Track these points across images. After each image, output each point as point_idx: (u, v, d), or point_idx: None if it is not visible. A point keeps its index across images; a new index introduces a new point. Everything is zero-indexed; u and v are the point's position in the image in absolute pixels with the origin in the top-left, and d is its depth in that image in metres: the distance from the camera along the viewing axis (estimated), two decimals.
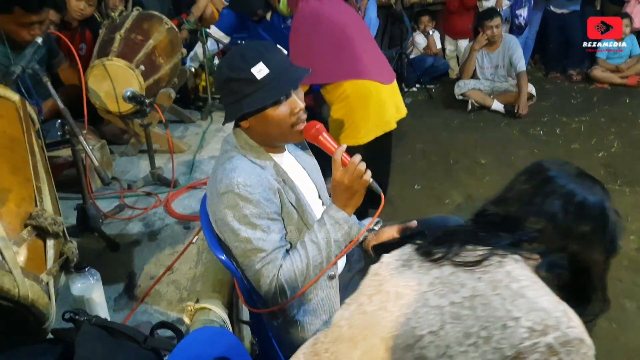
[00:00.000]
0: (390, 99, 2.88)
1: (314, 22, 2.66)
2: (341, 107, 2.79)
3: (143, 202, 2.53)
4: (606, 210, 1.01)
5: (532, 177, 1.08)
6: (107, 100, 2.52)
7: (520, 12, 5.72)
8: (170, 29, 2.86)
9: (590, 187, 1.03)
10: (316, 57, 2.66)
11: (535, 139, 4.45)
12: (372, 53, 2.88)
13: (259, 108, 1.44)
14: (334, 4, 2.78)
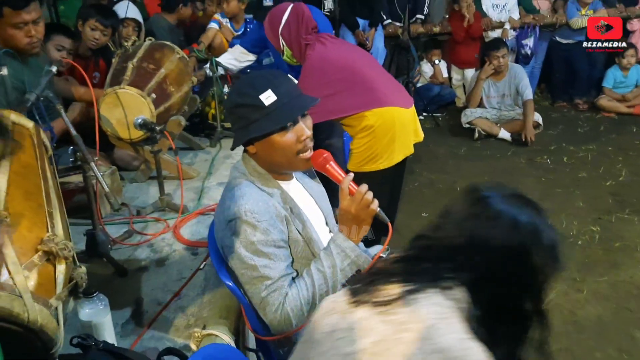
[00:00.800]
0: (410, 123, 2.91)
1: (322, 65, 2.71)
2: (365, 136, 2.80)
3: (152, 228, 2.55)
4: (538, 228, 0.99)
5: (466, 200, 1.06)
6: (118, 127, 2.56)
7: (526, 42, 5.79)
8: (182, 58, 2.92)
9: (521, 207, 1.01)
10: (331, 97, 2.69)
11: (542, 168, 4.46)
12: (387, 81, 2.92)
13: (265, 133, 1.47)
14: (338, 44, 2.84)
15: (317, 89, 2.68)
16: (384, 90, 2.80)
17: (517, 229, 0.97)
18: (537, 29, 5.80)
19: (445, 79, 6.08)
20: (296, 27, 2.74)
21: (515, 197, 1.04)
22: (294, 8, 2.78)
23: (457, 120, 5.37)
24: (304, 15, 2.77)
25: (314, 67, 2.73)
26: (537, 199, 3.53)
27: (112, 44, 3.48)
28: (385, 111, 2.78)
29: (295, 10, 2.77)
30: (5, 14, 2.32)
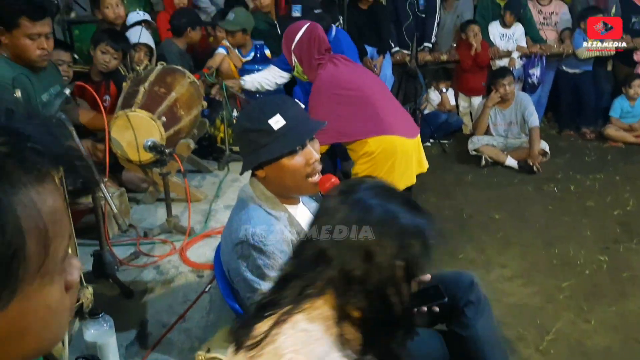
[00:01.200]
0: (414, 153, 2.96)
1: (333, 86, 2.78)
2: (365, 162, 2.85)
3: (158, 250, 2.56)
4: (398, 219, 0.99)
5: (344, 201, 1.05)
6: (128, 149, 2.59)
7: (533, 71, 5.83)
8: (192, 83, 2.97)
9: (388, 201, 1.02)
10: (338, 118, 2.74)
11: (549, 196, 4.45)
12: (394, 109, 2.99)
13: (274, 157, 1.49)
14: (351, 67, 2.91)
15: (325, 107, 2.75)
16: (389, 118, 2.85)
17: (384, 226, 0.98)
18: (544, 58, 5.85)
19: (452, 106, 6.11)
20: (308, 46, 2.82)
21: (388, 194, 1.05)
22: (308, 28, 2.87)
23: (464, 147, 5.38)
24: (317, 36, 2.85)
25: (323, 87, 2.79)
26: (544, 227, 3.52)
27: (123, 68, 3.54)
28: (387, 139, 2.83)
29: (310, 30, 2.86)
30: (21, 24, 2.37)
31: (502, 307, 2.95)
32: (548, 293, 3.11)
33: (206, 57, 4.25)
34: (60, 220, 0.55)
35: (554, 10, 5.95)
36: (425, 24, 5.83)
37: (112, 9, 3.82)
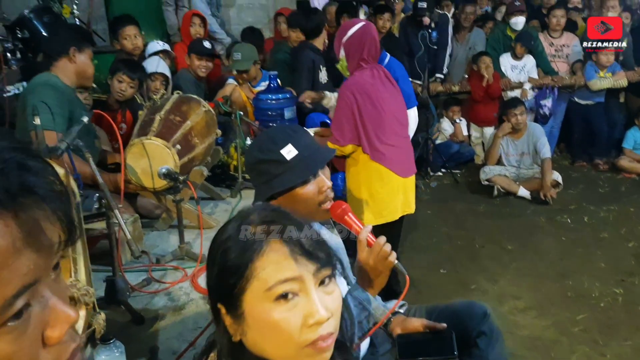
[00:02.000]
0: (401, 192, 2.99)
1: (357, 91, 2.85)
2: (353, 183, 2.98)
3: (170, 277, 2.56)
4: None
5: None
6: (142, 176, 2.63)
7: (545, 102, 5.85)
8: (207, 112, 3.02)
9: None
10: (351, 121, 2.86)
11: (562, 227, 4.41)
12: (401, 143, 3.02)
13: (288, 188, 1.50)
14: (386, 86, 2.96)
15: (346, 106, 2.86)
16: (391, 150, 2.92)
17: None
18: (556, 89, 5.87)
19: (465, 137, 6.14)
20: (358, 43, 2.87)
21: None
22: (364, 26, 2.93)
23: (476, 177, 5.38)
24: (371, 37, 2.90)
25: (350, 88, 2.86)
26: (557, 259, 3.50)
27: (140, 96, 3.61)
28: (377, 167, 2.91)
29: (364, 28, 2.90)
30: (89, 46, 2.85)
31: (515, 339, 2.91)
32: (562, 326, 3.07)
33: (220, 86, 4.32)
34: (2, 265, 0.51)
35: (565, 42, 6.00)
36: (437, 55, 5.90)
37: (130, 40, 3.92)
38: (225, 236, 0.95)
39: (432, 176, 5.64)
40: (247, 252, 0.91)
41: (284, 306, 0.89)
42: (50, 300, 0.56)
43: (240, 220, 0.97)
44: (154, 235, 2.99)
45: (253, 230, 0.93)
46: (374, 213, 2.93)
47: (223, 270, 0.93)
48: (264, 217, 0.96)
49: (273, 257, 0.90)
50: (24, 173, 0.54)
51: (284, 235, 0.93)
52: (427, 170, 5.59)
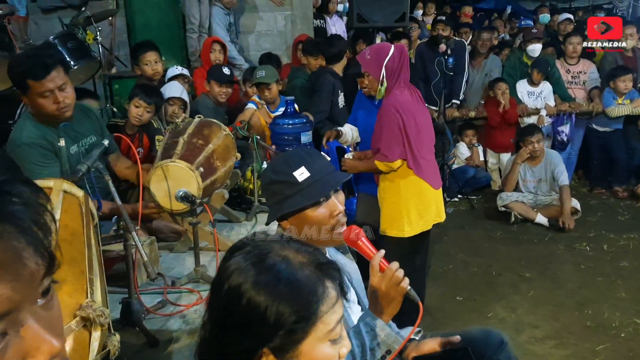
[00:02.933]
0: (434, 202, 3.18)
1: (404, 109, 3.00)
2: (391, 197, 3.11)
3: (185, 299, 2.57)
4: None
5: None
6: (164, 199, 2.65)
7: (562, 128, 5.83)
8: (227, 135, 3.05)
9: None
10: (399, 137, 2.99)
11: (581, 255, 4.35)
12: (432, 158, 3.23)
13: (298, 209, 1.51)
14: (420, 105, 3.14)
15: (388, 125, 3.00)
16: (426, 163, 3.10)
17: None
18: (573, 116, 5.85)
19: (481, 162, 6.12)
20: (399, 63, 3.03)
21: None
22: (398, 45, 3.13)
23: (493, 203, 5.34)
24: (406, 57, 3.10)
25: (396, 107, 3.00)
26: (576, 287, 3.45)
27: (157, 121, 3.67)
28: (416, 180, 3.07)
29: (401, 50, 3.08)
30: (30, 85, 2.44)
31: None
32: (582, 356, 3.00)
33: (237, 111, 4.38)
34: None
35: (582, 69, 5.99)
36: (454, 81, 5.92)
37: (150, 66, 4.00)
38: (273, 281, 0.90)
39: (449, 202, 5.61)
40: (315, 296, 0.89)
41: (335, 344, 0.92)
42: (32, 329, 0.55)
43: (266, 262, 0.92)
44: (170, 257, 3.01)
45: (311, 270, 0.91)
46: (414, 223, 3.08)
47: (280, 318, 0.88)
48: (315, 259, 0.93)
49: (331, 299, 0.91)
50: (7, 202, 0.54)
51: (335, 274, 0.93)
52: (443, 195, 5.56)
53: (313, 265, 0.92)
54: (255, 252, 0.95)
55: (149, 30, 5.03)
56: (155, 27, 5.10)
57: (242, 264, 0.94)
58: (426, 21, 8.27)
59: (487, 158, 6.19)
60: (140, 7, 5.21)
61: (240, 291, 0.91)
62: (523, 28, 7.20)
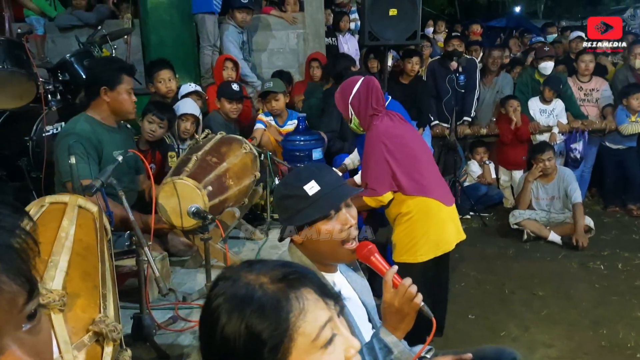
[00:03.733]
0: (450, 220, 3.03)
1: (387, 136, 2.91)
2: (403, 223, 2.95)
3: (196, 315, 2.57)
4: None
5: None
6: (172, 215, 2.67)
7: (575, 146, 5.80)
8: (248, 153, 3.07)
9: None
10: (386, 169, 2.89)
11: (595, 273, 4.30)
12: (436, 174, 3.10)
13: (309, 221, 1.52)
14: (404, 124, 3.05)
15: (377, 157, 2.90)
16: (430, 182, 2.97)
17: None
18: (586, 133, 5.82)
19: (493, 179, 6.09)
20: (366, 96, 2.95)
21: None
22: (365, 80, 3.02)
23: (505, 220, 5.31)
24: (374, 87, 2.98)
25: (377, 136, 2.91)
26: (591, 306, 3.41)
27: (169, 137, 3.71)
28: (425, 201, 2.93)
29: (367, 82, 2.99)
30: (123, 80, 2.82)
31: None
32: None
33: (250, 128, 4.42)
34: None
35: (594, 87, 5.97)
36: (465, 98, 5.93)
37: (164, 83, 4.06)
38: (236, 312, 0.89)
39: (460, 219, 5.57)
40: (282, 311, 0.88)
41: (329, 349, 0.89)
42: (15, 355, 0.55)
43: (236, 291, 0.92)
44: (182, 273, 3.02)
45: (272, 288, 0.90)
46: (431, 247, 2.94)
47: (256, 342, 0.87)
48: (276, 275, 0.92)
49: (308, 306, 0.89)
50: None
51: (306, 282, 0.92)
52: None
53: (275, 281, 0.91)
54: (227, 282, 0.95)
55: (163, 48, 5.11)
56: (169, 45, 5.17)
57: (218, 292, 0.93)
58: (437, 39, 8.32)
59: (499, 175, 6.16)
60: (155, 26, 5.30)
61: (216, 316, 0.91)
62: (534, 45, 7.21)
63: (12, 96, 3.77)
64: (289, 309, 0.87)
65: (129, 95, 2.86)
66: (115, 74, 2.84)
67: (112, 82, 2.83)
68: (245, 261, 1.00)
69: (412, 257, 2.92)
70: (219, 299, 0.92)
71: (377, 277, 1.62)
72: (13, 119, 3.87)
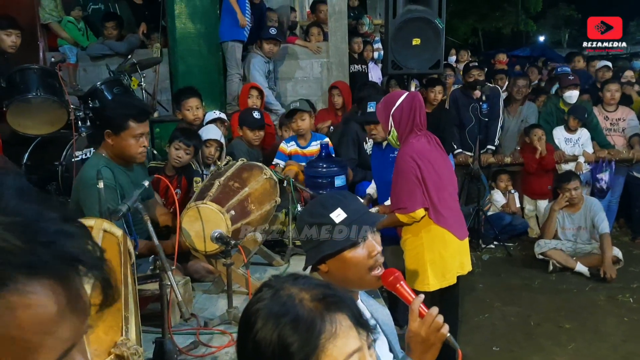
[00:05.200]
0: (457, 254, 3.02)
1: (418, 157, 2.92)
2: (413, 249, 2.98)
3: (217, 341, 2.57)
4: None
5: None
6: (196, 240, 2.70)
7: (602, 176, 5.71)
8: (268, 179, 3.11)
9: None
10: (417, 185, 2.90)
11: (624, 307, 4.18)
12: (455, 208, 3.10)
13: (337, 250, 1.51)
14: (439, 152, 3.07)
15: (405, 174, 2.92)
16: (450, 212, 2.97)
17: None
18: (613, 163, 5.73)
19: (517, 208, 6.02)
20: (409, 110, 2.96)
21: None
22: (410, 94, 3.05)
23: (530, 251, 5.22)
24: (419, 103, 3.00)
25: (412, 155, 2.92)
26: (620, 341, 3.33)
27: (195, 163, 3.77)
28: (439, 230, 2.94)
29: (412, 96, 3.02)
30: (129, 126, 2.74)
31: None
32: None
33: (273, 154, 4.46)
34: (47, 332, 0.52)
35: (621, 116, 5.91)
36: (489, 127, 5.91)
37: (191, 111, 4.14)
38: (272, 319, 0.91)
39: (484, 249, 5.51)
40: (314, 330, 0.89)
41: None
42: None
43: (277, 301, 0.94)
44: (203, 298, 3.03)
45: (310, 306, 0.92)
46: (437, 277, 2.95)
47: (284, 353, 0.89)
48: (317, 294, 0.94)
49: (340, 331, 0.91)
50: (69, 241, 0.55)
51: (343, 307, 0.93)
52: (478, 242, 5.48)
53: (314, 300, 0.93)
54: (271, 290, 0.98)
55: (190, 76, 5.23)
56: (196, 74, 5.30)
57: (260, 298, 0.97)
58: (459, 68, 8.35)
59: (524, 205, 6.09)
60: (182, 55, 5.44)
61: (253, 320, 0.94)
62: (559, 75, 7.18)
63: (44, 122, 3.89)
64: (322, 329, 0.89)
65: (135, 140, 2.76)
66: (122, 119, 2.75)
67: (117, 128, 2.75)
68: (292, 273, 1.03)
69: (420, 285, 2.94)
70: (260, 303, 0.95)
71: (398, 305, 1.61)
72: (44, 145, 3.99)
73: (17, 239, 0.51)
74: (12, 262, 0.51)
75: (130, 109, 2.77)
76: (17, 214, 0.53)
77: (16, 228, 0.52)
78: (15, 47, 4.18)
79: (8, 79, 3.77)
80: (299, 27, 7.21)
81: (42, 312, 0.52)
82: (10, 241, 0.51)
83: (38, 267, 0.52)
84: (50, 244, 0.53)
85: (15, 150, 3.89)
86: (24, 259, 0.51)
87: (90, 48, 6.11)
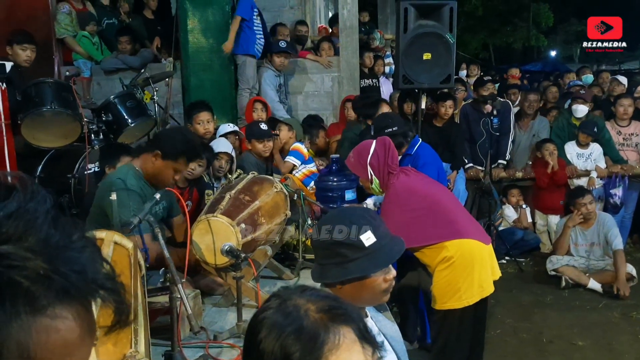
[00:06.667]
0: (488, 259, 2.93)
1: (406, 194, 2.87)
2: (445, 269, 2.84)
3: (226, 354, 2.56)
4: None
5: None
6: (206, 252, 2.71)
7: (615, 191, 5.65)
8: (279, 192, 3.11)
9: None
10: (412, 224, 2.81)
11: (639, 324, 4.12)
12: (466, 215, 3.07)
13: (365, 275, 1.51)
14: (421, 177, 3.02)
15: (399, 216, 2.83)
16: (464, 224, 2.90)
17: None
18: (626, 179, 5.68)
19: (529, 224, 5.97)
20: (384, 155, 2.93)
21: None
22: (379, 140, 3.02)
23: (542, 266, 5.16)
24: (390, 145, 2.98)
25: (398, 195, 2.87)
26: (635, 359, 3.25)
27: (206, 176, 3.79)
28: (465, 243, 2.84)
29: (382, 141, 2.99)
30: (178, 160, 2.82)
31: None
32: None
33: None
34: (70, 354, 0.54)
35: (634, 131, 5.87)
36: (500, 141, 5.90)
37: (203, 125, 4.17)
38: (276, 329, 0.91)
39: None
40: (317, 341, 0.89)
41: None
42: None
43: (282, 311, 0.94)
44: (213, 311, 3.02)
45: (315, 317, 0.92)
46: (476, 289, 2.84)
47: (288, 356, 0.89)
48: (323, 306, 0.94)
49: (343, 344, 0.90)
50: (95, 267, 0.58)
51: (349, 321, 0.93)
52: None
53: (320, 311, 0.93)
54: (279, 300, 0.98)
55: (202, 90, 5.28)
56: (208, 88, 5.35)
57: (267, 307, 0.97)
58: (470, 82, 8.35)
59: (536, 220, 6.04)
60: (195, 69, 5.50)
61: (259, 328, 0.94)
62: (572, 89, 7.15)
63: (57, 135, 3.94)
64: (325, 340, 0.89)
65: (174, 173, 2.85)
66: (177, 152, 2.81)
67: (168, 156, 2.81)
68: (301, 285, 1.03)
69: (457, 302, 2.80)
70: (266, 313, 0.95)
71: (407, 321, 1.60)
72: (57, 158, 4.04)
73: (51, 265, 0.54)
74: (51, 288, 0.53)
75: (192, 150, 2.90)
76: (49, 241, 0.55)
77: (51, 255, 0.54)
78: (30, 62, 4.25)
79: (23, 93, 3.83)
80: (309, 42, 7.25)
81: (69, 336, 0.54)
82: (47, 268, 0.53)
83: (71, 293, 0.54)
84: (82, 271, 0.56)
85: (29, 163, 3.94)
86: (60, 285, 0.54)
87: (104, 62, 6.19)
